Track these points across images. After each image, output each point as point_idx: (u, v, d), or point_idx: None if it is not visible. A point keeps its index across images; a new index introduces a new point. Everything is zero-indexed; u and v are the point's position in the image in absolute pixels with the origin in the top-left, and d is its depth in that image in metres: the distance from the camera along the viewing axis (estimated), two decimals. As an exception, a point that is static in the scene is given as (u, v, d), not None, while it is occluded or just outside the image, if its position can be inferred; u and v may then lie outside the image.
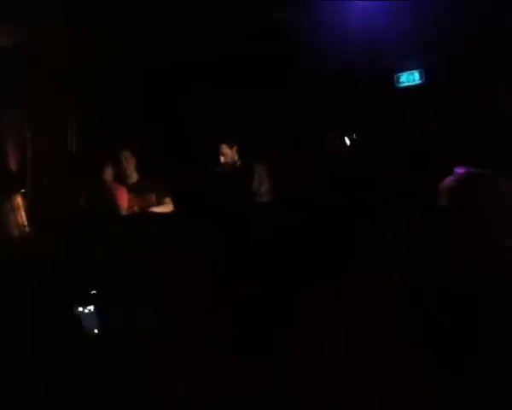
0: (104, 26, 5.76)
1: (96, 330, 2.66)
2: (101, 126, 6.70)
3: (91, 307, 2.74)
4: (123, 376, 2.04)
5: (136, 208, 5.63)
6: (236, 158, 5.80)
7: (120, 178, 5.82)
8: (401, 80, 7.57)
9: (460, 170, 2.53)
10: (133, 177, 5.86)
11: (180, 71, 6.78)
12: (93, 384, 2.05)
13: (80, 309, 2.71)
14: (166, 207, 5.70)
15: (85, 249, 3.00)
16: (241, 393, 1.84)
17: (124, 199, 5.67)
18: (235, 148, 5.79)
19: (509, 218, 2.09)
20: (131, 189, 5.74)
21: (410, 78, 7.51)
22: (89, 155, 6.45)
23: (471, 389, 0.87)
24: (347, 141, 6.71)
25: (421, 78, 7.42)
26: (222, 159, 5.77)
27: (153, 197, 5.72)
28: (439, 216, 2.28)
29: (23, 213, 4.68)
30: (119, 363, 2.10)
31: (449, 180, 2.40)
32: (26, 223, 4.63)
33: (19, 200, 4.84)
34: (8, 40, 5.81)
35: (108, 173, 5.84)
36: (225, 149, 5.75)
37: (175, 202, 5.73)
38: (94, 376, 2.07)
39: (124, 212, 5.49)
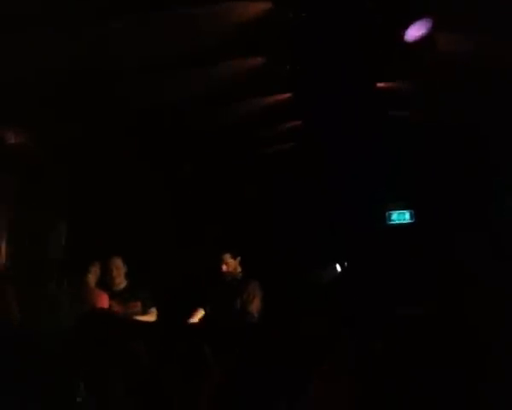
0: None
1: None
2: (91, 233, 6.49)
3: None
4: None
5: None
6: (239, 270, 5.56)
7: (106, 285, 5.59)
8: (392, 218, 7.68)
9: None
10: (122, 284, 5.70)
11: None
12: None
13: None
14: (150, 317, 5.48)
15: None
16: None
17: (104, 305, 5.44)
18: (238, 258, 5.58)
19: None
20: (117, 295, 5.56)
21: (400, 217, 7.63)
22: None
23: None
24: (338, 268, 6.69)
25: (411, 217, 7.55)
26: (224, 267, 5.52)
27: (138, 305, 5.52)
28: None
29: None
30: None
31: None
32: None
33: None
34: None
35: (92, 278, 5.63)
36: (229, 258, 5.55)
37: (160, 313, 5.50)
38: None
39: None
